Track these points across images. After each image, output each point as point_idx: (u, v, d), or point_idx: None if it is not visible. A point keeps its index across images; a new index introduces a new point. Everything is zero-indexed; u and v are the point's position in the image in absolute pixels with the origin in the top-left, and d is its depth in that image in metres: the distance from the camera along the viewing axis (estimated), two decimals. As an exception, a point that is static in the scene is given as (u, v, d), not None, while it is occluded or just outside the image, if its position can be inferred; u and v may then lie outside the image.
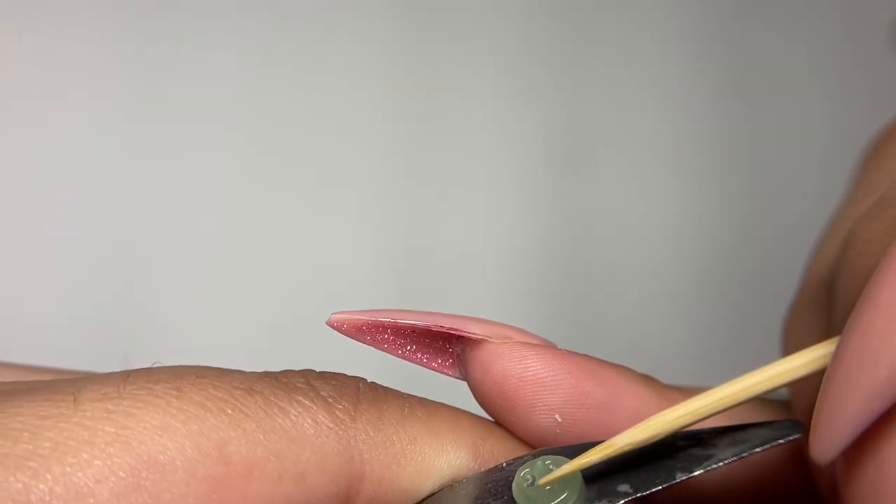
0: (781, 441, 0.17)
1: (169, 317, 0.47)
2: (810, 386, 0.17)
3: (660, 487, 0.17)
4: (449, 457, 0.18)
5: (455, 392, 0.20)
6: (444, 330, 0.19)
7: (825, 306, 0.20)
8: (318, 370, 0.18)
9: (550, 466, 0.17)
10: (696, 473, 0.17)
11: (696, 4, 0.52)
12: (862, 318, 0.15)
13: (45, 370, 0.19)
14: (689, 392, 0.19)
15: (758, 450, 0.17)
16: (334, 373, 0.18)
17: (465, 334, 0.19)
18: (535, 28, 0.52)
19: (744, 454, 0.17)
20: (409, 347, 0.19)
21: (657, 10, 0.52)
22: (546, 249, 0.50)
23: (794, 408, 0.20)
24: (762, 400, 0.20)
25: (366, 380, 0.18)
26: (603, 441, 0.17)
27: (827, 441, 0.15)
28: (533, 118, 0.51)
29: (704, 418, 0.17)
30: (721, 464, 0.17)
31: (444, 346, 0.19)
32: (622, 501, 0.17)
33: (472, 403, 0.19)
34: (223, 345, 0.47)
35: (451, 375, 0.20)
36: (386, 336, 0.19)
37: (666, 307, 0.51)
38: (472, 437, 0.18)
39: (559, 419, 0.18)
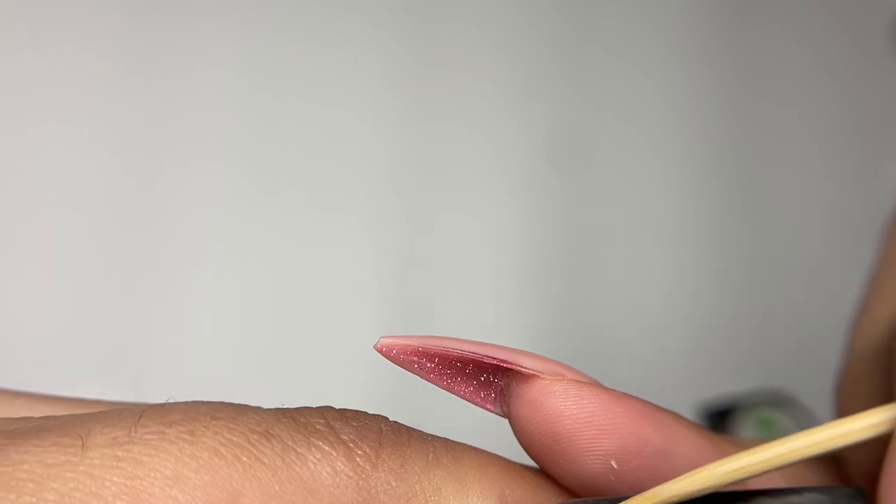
0: None
1: (176, 330, 0.47)
2: (867, 445, 0.16)
3: None
4: None
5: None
6: (494, 362, 0.18)
7: (883, 370, 0.19)
8: (337, 408, 0.17)
9: None
10: None
11: (695, 5, 0.52)
12: None
13: (56, 400, 0.19)
14: (740, 444, 0.18)
15: None
16: (356, 411, 0.17)
17: (516, 368, 0.18)
18: (535, 29, 0.52)
19: None
20: (454, 378, 0.18)
21: (658, 10, 0.52)
22: (546, 250, 0.50)
23: (845, 463, 0.20)
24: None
25: (388, 419, 0.17)
26: (649, 490, 0.16)
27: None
28: (533, 119, 0.51)
29: (758, 475, 0.16)
30: None
31: (489, 379, 0.18)
32: None
33: (475, 437, 0.19)
34: (230, 352, 0.47)
35: (491, 411, 0.18)
36: (432, 365, 0.18)
37: (666, 308, 0.51)
38: (500, 485, 0.17)
39: (615, 466, 0.17)
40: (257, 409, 0.16)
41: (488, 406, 0.18)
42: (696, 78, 0.52)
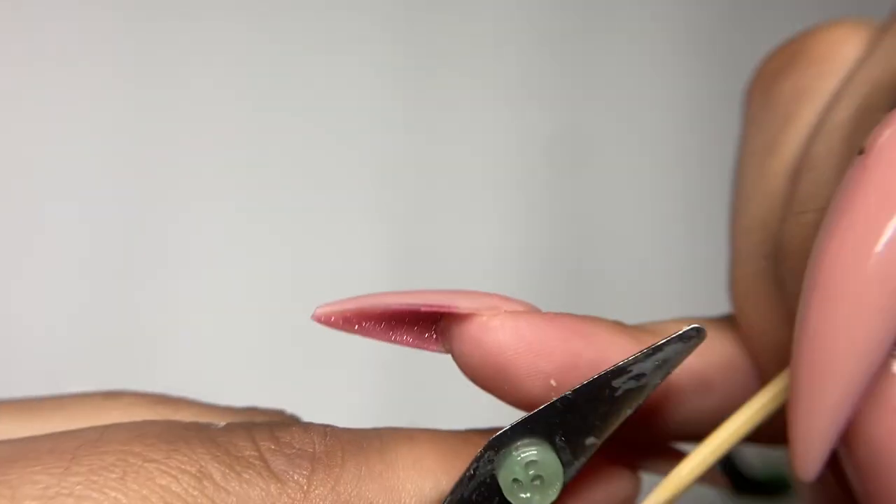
0: (692, 350, 0.18)
1: (168, 324, 0.47)
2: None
3: (616, 427, 0.17)
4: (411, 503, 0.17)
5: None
6: (432, 309, 0.18)
7: (774, 279, 0.19)
8: (271, 426, 0.17)
9: (526, 458, 0.17)
10: (640, 404, 0.17)
11: (696, 7, 0.52)
12: (809, 338, 0.15)
13: (28, 405, 0.18)
14: (653, 331, 0.19)
15: (677, 367, 0.18)
16: (289, 429, 0.17)
17: (455, 311, 0.18)
18: (536, 29, 0.52)
19: (669, 373, 0.17)
20: (395, 331, 0.19)
21: (659, 11, 0.52)
22: (546, 249, 0.50)
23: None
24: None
25: (322, 432, 0.17)
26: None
27: (806, 463, 0.16)
28: (534, 118, 0.51)
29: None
30: (655, 388, 0.18)
31: (430, 324, 0.19)
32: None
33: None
34: (224, 347, 0.47)
35: (434, 351, 0.19)
36: (372, 324, 0.19)
37: (667, 308, 0.51)
38: (434, 475, 0.17)
39: (554, 384, 0.18)
40: (190, 442, 0.16)
41: (431, 347, 0.19)
42: (695, 79, 0.52)
